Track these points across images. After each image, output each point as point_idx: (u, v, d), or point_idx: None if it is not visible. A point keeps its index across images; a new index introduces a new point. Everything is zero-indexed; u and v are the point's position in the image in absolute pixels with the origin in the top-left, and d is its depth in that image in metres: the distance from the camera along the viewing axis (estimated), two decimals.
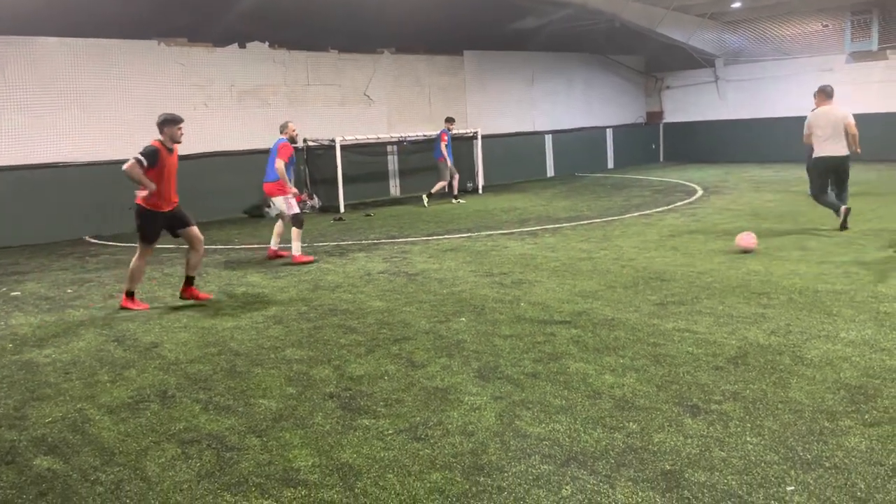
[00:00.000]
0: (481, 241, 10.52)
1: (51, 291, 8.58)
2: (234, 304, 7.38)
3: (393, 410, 4.42)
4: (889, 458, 3.51)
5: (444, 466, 3.67)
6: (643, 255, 8.73)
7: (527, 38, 19.55)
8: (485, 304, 6.81)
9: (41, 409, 4.77)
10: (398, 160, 18.11)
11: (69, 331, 6.72)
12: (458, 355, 5.37)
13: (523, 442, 3.88)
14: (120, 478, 3.75)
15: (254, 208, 15.19)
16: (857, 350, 5.03)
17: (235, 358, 5.63)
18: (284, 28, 15.40)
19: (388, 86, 17.79)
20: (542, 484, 3.44)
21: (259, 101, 15.69)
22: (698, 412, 4.15)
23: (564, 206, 14.23)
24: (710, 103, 22.86)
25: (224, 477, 3.69)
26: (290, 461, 3.82)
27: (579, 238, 10.20)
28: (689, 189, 15.59)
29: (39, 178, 12.96)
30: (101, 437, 4.28)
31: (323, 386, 4.91)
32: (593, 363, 5.05)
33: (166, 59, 14.37)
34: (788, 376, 4.62)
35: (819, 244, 8.85)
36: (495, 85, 20.13)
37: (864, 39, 18.97)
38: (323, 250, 10.53)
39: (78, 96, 13.33)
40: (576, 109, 22.29)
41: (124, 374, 5.39)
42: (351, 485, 3.53)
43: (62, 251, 11.76)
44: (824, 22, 19.67)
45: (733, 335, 5.50)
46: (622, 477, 3.47)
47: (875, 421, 3.92)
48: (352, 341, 5.89)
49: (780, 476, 3.40)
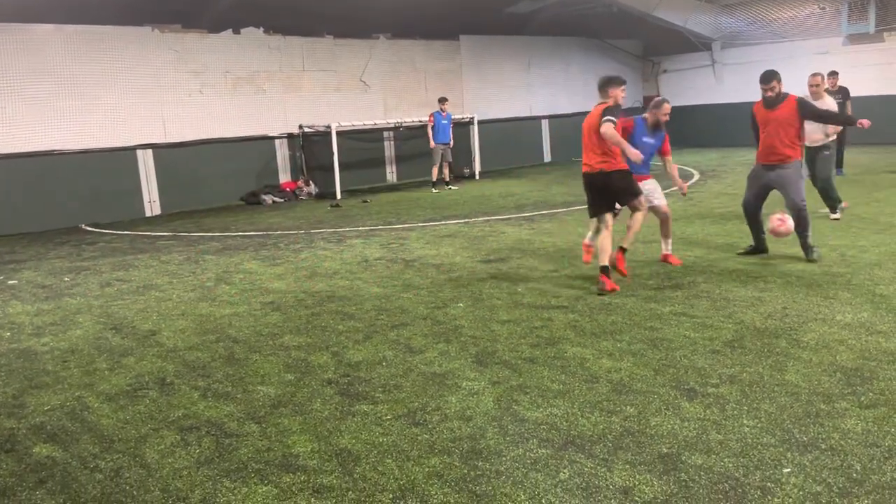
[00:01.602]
0: (478, 227, 10.51)
1: (48, 280, 8.57)
2: (232, 292, 7.38)
3: (391, 396, 4.43)
4: (885, 439, 3.54)
5: (442, 451, 3.68)
6: (640, 240, 8.72)
7: (523, 22, 19.47)
8: (482, 290, 6.82)
9: (40, 398, 4.78)
10: (395, 146, 18.07)
11: (67, 319, 6.71)
12: (456, 341, 5.38)
13: (521, 426, 3.90)
14: (119, 465, 3.76)
15: (250, 195, 15.17)
16: (853, 333, 5.05)
17: (234, 345, 5.64)
18: (279, 14, 15.30)
19: (384, 71, 17.71)
20: (539, 468, 3.46)
21: (254, 88, 15.62)
22: (695, 395, 4.17)
23: (561, 191, 14.21)
24: (707, 87, 22.79)
25: (223, 463, 3.70)
26: (289, 447, 3.83)
27: (576, 223, 10.19)
28: (686, 173, 15.57)
29: (35, 166, 12.92)
30: (100, 424, 4.30)
31: (321, 372, 4.92)
32: (591, 347, 5.06)
33: (160, 46, 14.28)
34: (785, 359, 4.64)
35: (816, 227, 8.83)
36: (492, 70, 20.05)
37: (860, 22, 18.88)
38: (320, 237, 10.52)
39: (72, 83, 13.26)
40: (573, 94, 22.20)
41: (122, 362, 5.39)
42: (350, 470, 3.55)
43: (59, 239, 11.74)
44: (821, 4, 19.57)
45: (730, 319, 5.51)
46: (619, 460, 3.48)
47: (871, 403, 3.94)
48: (350, 328, 5.89)
49: (776, 458, 3.42)
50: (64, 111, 13.22)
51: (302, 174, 16.11)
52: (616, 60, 23.59)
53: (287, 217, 12.96)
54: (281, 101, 15.97)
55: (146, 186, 14.22)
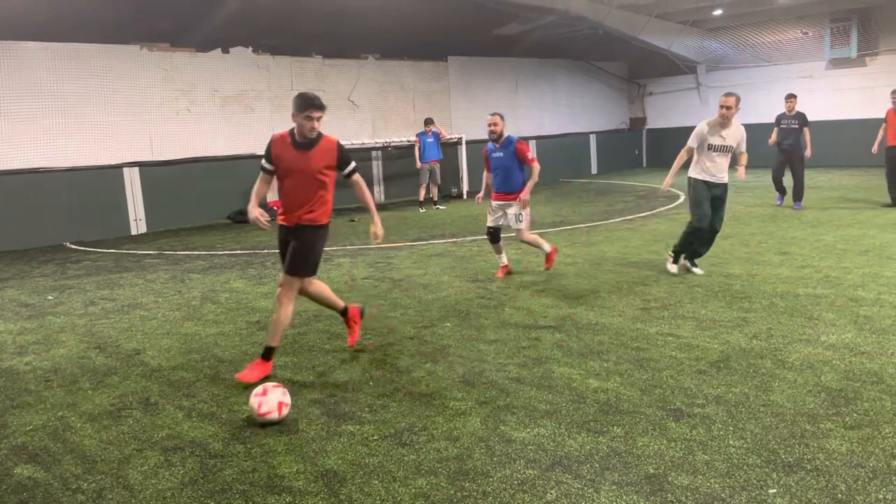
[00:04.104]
0: (466, 247, 10.53)
1: (31, 298, 8.48)
2: (218, 311, 7.34)
3: (377, 416, 4.41)
4: (869, 460, 3.55)
5: (429, 472, 3.66)
6: (627, 260, 8.78)
7: (511, 44, 19.64)
8: (469, 310, 6.82)
9: (21, 417, 4.72)
10: (383, 166, 18.11)
11: (50, 338, 6.65)
12: (443, 361, 5.37)
13: (508, 447, 3.89)
14: (102, 486, 3.72)
15: (237, 214, 15.13)
16: (837, 353, 5.08)
17: (219, 364, 5.60)
18: (268, 33, 15.36)
19: (373, 91, 17.80)
20: (526, 489, 3.45)
21: (242, 107, 15.64)
22: (682, 416, 4.17)
23: (549, 211, 14.27)
24: (693, 109, 23.04)
25: (208, 484, 3.67)
26: (275, 468, 3.80)
27: (563, 243, 10.23)
28: (671, 195, 15.69)
29: (20, 184, 12.83)
30: (83, 444, 4.24)
31: (307, 392, 4.89)
32: (578, 368, 5.06)
33: (149, 64, 14.28)
34: (770, 380, 4.66)
35: (799, 249, 8.94)
36: (480, 91, 20.19)
37: (843, 46, 19.20)
38: None
39: (59, 101, 13.21)
40: (560, 115, 22.39)
41: (106, 381, 5.34)
42: (336, 491, 3.52)
43: (43, 257, 11.64)
44: (804, 29, 19.90)
45: (716, 339, 5.54)
46: (606, 481, 3.48)
47: (855, 424, 3.96)
48: (336, 347, 5.87)
49: (762, 479, 3.42)
50: (50, 129, 13.16)
51: None
52: (602, 82, 23.85)
53: (274, 236, 12.87)
54: (269, 120, 15.99)
55: (132, 204, 14.15)
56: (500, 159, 7.87)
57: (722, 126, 7.57)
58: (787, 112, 12.60)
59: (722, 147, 7.60)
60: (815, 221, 10.96)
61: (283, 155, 5.20)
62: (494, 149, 7.94)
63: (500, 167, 7.89)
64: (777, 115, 12.85)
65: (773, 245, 9.27)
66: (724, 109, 7.49)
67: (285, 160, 5.19)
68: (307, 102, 5.11)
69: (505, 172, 7.87)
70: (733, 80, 21.84)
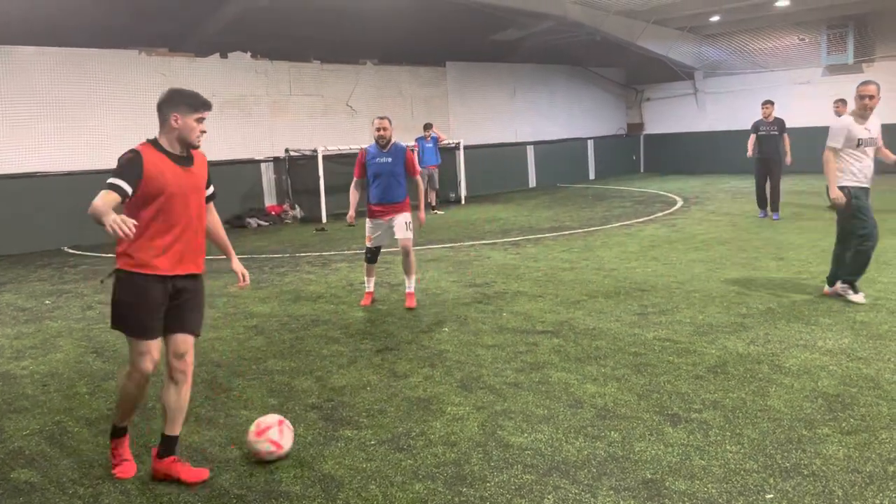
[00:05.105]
0: (464, 252, 10.54)
1: (28, 303, 8.48)
2: (216, 315, 7.33)
3: (375, 421, 4.41)
4: (866, 465, 3.56)
5: (426, 477, 3.66)
6: (624, 266, 8.79)
7: (509, 49, 19.70)
8: (467, 315, 6.82)
9: (18, 422, 4.71)
10: None
11: (47, 342, 6.64)
12: (441, 365, 5.38)
13: (505, 452, 3.89)
14: (99, 491, 3.71)
15: (235, 218, 15.13)
16: (834, 359, 5.09)
17: (216, 369, 5.59)
18: (267, 38, 15.39)
19: (371, 96, 17.82)
20: (524, 494, 3.45)
21: (241, 111, 15.65)
22: (679, 421, 4.18)
23: (547, 216, 14.29)
24: (690, 115, 23.12)
25: (205, 489, 3.66)
26: (272, 473, 3.80)
27: (561, 248, 10.24)
28: (669, 200, 15.72)
29: (18, 188, 12.82)
30: (80, 449, 4.24)
31: (305, 397, 4.89)
32: (575, 373, 5.07)
33: (147, 69, 14.29)
34: (767, 385, 4.67)
35: (796, 254, 8.96)
36: (478, 96, 20.23)
37: (839, 53, 19.25)
38: (305, 261, 10.49)
39: (57, 106, 13.22)
40: (558, 121, 22.43)
41: (103, 386, 5.33)
42: (333, 496, 3.52)
43: (40, 262, 11.63)
44: (801, 36, 19.96)
45: (713, 344, 5.55)
46: (604, 486, 3.48)
47: (852, 429, 3.97)
48: (334, 352, 5.87)
49: (759, 484, 3.43)
50: (48, 133, 13.16)
51: (287, 198, 16.10)
52: (600, 88, 23.90)
53: (272, 240, 12.93)
54: (267, 125, 16.01)
55: None
56: (387, 165, 7.22)
57: (862, 118, 6.64)
58: (764, 118, 12.20)
59: (870, 140, 6.64)
60: (812, 227, 10.99)
61: (163, 172, 3.64)
62: (378, 153, 7.26)
63: (384, 173, 7.22)
64: (754, 122, 12.40)
65: (770, 250, 9.29)
66: (868, 99, 6.54)
67: (166, 179, 3.64)
68: (198, 100, 3.81)
69: (389, 180, 7.23)
70: (730, 86, 21.91)
